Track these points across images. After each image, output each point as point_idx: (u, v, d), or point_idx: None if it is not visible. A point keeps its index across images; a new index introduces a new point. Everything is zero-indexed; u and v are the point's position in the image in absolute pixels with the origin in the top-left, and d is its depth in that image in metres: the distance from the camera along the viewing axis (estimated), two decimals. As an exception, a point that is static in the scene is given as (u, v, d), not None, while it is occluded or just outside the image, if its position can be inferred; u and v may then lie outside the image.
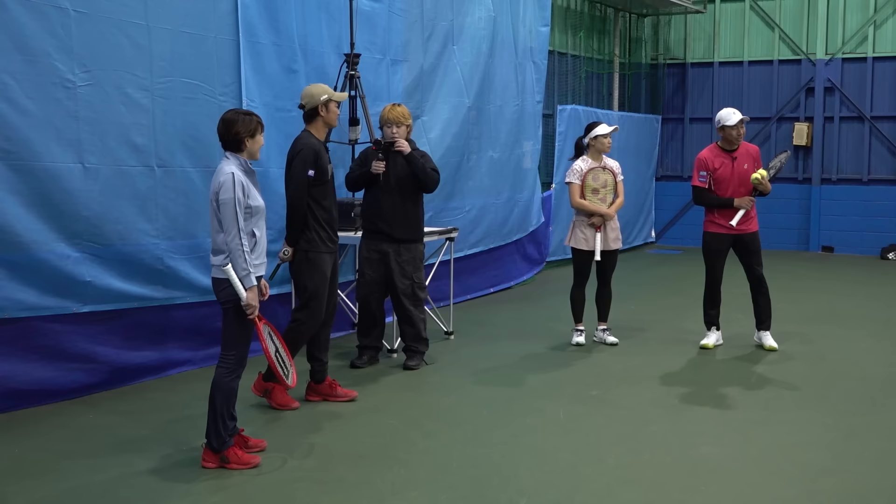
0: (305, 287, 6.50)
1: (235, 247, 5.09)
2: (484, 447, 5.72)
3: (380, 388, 7.08)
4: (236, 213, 5.08)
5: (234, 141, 5.25)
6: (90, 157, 6.49)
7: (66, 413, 6.27)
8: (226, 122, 5.27)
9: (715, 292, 8.42)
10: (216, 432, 5.26)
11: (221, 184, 5.12)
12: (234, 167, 5.19)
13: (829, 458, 5.60)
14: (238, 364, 5.29)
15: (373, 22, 8.97)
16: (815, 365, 7.89)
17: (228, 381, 5.27)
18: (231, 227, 5.09)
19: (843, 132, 15.94)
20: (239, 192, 5.10)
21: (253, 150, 5.31)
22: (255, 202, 5.23)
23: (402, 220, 7.47)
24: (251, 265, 5.13)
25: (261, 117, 5.41)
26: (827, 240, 15.88)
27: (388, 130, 7.41)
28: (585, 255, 8.39)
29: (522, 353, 8.31)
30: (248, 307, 5.17)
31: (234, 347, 5.28)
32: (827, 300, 11.03)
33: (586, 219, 8.37)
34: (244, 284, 5.13)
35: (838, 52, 15.75)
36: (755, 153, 8.27)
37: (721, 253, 8.28)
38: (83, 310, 6.56)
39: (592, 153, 8.45)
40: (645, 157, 16.39)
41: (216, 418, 5.25)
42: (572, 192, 8.40)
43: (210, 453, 5.28)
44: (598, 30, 15.80)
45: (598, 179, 8.37)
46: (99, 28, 6.47)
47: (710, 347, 8.43)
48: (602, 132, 8.37)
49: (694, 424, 6.24)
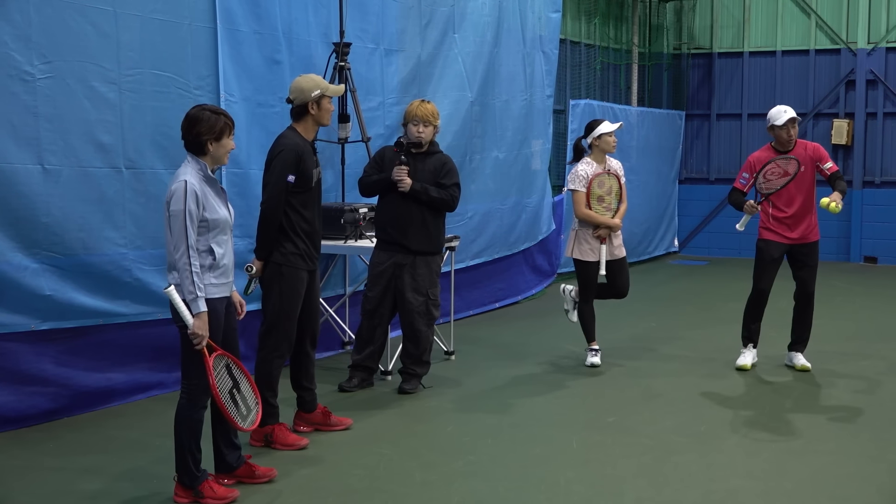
0: (272, 307, 6.28)
1: (183, 265, 4.97)
2: (488, 481, 5.71)
3: (373, 414, 7.08)
4: (186, 226, 4.97)
5: (195, 143, 5.16)
6: (50, 158, 6.49)
7: (23, 442, 6.25)
8: (188, 120, 5.19)
9: (760, 305, 8.37)
10: (185, 468, 5.21)
11: (172, 192, 5.02)
12: (189, 174, 5.07)
13: (871, 492, 5.59)
14: (201, 393, 5.17)
15: (365, 7, 8.99)
16: (856, 389, 7.89)
17: (190, 412, 5.19)
18: (180, 242, 4.98)
19: (887, 129, 15.96)
20: (191, 204, 4.98)
21: (218, 154, 5.19)
22: (214, 215, 5.11)
23: (421, 231, 7.43)
24: (199, 287, 4.99)
25: (231, 117, 5.32)
26: (869, 249, 15.88)
27: (415, 129, 7.38)
28: (592, 267, 8.41)
29: (531, 375, 8.31)
30: (194, 336, 5.01)
31: (195, 375, 5.15)
32: (869, 317, 11.03)
33: (591, 229, 8.37)
34: (191, 310, 5.00)
35: (882, 41, 15.78)
36: (814, 152, 8.16)
37: (774, 262, 8.21)
38: (42, 327, 6.55)
39: (596, 155, 8.44)
40: (667, 158, 16.41)
41: (184, 453, 5.20)
42: (577, 201, 8.35)
43: (181, 488, 5.26)
44: (615, 16, 15.84)
45: (604, 186, 8.37)
46: (61, 14, 6.48)
47: (748, 368, 8.40)
48: (607, 130, 8.35)
49: (722, 455, 6.24)
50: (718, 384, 8.01)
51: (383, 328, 7.66)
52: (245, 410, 5.30)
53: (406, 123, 7.47)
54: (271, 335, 6.31)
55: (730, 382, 8.07)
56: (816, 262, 8.24)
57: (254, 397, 5.40)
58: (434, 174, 7.42)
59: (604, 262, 8.36)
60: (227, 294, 5.29)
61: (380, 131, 9.11)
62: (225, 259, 5.22)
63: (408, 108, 7.50)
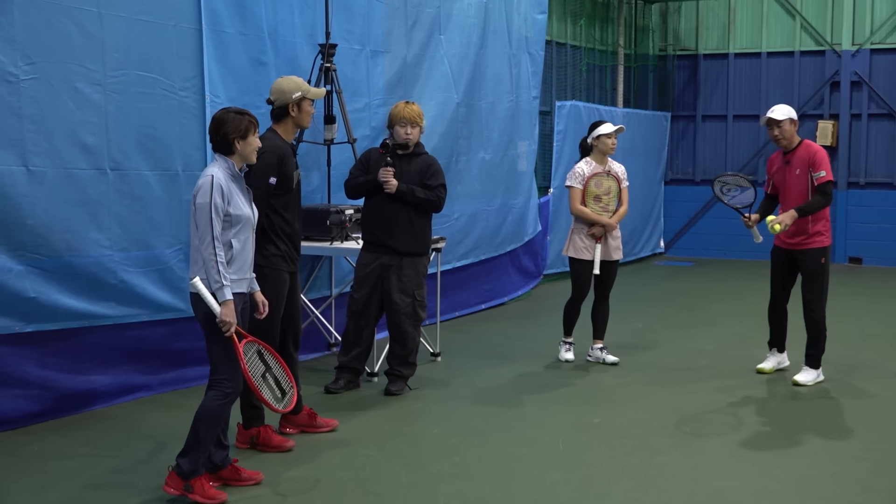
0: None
1: (209, 256, 5.13)
2: (474, 482, 5.71)
3: (359, 415, 7.07)
4: (211, 219, 5.13)
5: (223, 143, 5.33)
6: (35, 159, 6.46)
7: (7, 444, 6.23)
8: (215, 122, 5.37)
9: (773, 310, 8.31)
10: (192, 459, 5.25)
11: (199, 186, 5.21)
12: (217, 169, 5.27)
13: (857, 492, 5.61)
14: (234, 388, 5.30)
15: (350, 9, 8.98)
16: (842, 390, 7.92)
17: (219, 405, 5.29)
18: (205, 233, 5.14)
19: (871, 131, 16.03)
20: (217, 197, 5.16)
21: (245, 152, 5.38)
22: (238, 211, 5.28)
23: (407, 232, 7.44)
24: (225, 277, 5.15)
25: (255, 117, 5.45)
26: (854, 250, 15.95)
27: (402, 130, 7.40)
28: (585, 266, 8.46)
29: (517, 376, 8.31)
30: (222, 324, 5.17)
31: (225, 370, 5.28)
32: (855, 318, 11.07)
33: (586, 227, 8.43)
34: (217, 298, 5.14)
35: (866, 43, 15.85)
36: (809, 157, 7.86)
37: (777, 268, 8.14)
38: (27, 329, 6.52)
39: (596, 155, 8.52)
40: (653, 159, 16.45)
41: (196, 444, 5.25)
42: (572, 197, 8.45)
43: (175, 478, 5.27)
44: (601, 17, 15.87)
45: (602, 186, 8.43)
46: (45, 15, 6.46)
47: (767, 372, 8.35)
48: (605, 131, 8.44)
49: (707, 456, 6.26)
50: (704, 386, 8.03)
51: (370, 330, 7.65)
52: (280, 394, 5.46)
53: (392, 125, 7.47)
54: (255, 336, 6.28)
55: (715, 384, 8.08)
56: (814, 270, 7.92)
57: (288, 381, 5.55)
58: (420, 175, 7.43)
59: (598, 261, 8.39)
60: (244, 290, 5.40)
61: (366, 132, 9.10)
62: (245, 254, 5.37)
63: (393, 110, 7.50)
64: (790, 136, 7.93)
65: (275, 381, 5.47)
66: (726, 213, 8.11)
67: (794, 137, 7.95)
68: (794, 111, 8.01)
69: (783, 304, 8.27)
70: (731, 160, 16.82)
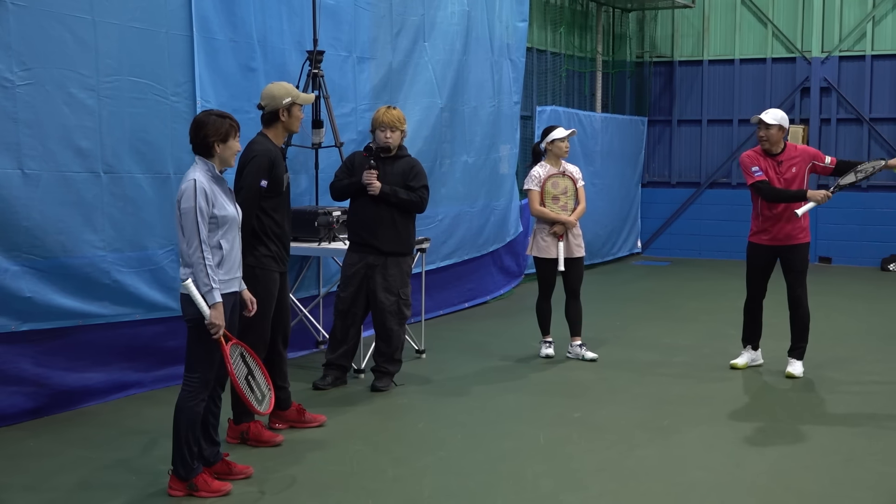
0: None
1: (197, 259, 5.10)
2: (458, 475, 5.72)
3: (346, 411, 7.07)
4: (197, 222, 5.09)
5: (202, 145, 5.27)
6: (30, 163, 6.45)
7: (3, 440, 6.21)
8: (196, 124, 5.31)
9: (751, 310, 8.35)
10: (182, 460, 5.25)
11: (183, 191, 5.16)
12: (198, 173, 5.21)
13: (826, 483, 5.66)
14: (202, 387, 5.28)
15: (337, 17, 8.98)
16: (812, 385, 7.96)
17: (192, 405, 5.26)
18: (192, 237, 5.10)
19: (840, 135, 16.11)
20: (201, 201, 5.11)
21: (225, 155, 5.32)
22: (223, 212, 5.24)
23: (392, 232, 7.45)
24: (214, 280, 5.12)
25: (237, 120, 5.41)
26: (824, 250, 16.04)
27: (382, 135, 7.40)
28: (549, 264, 8.60)
29: (499, 372, 8.33)
30: (211, 326, 5.15)
31: (198, 369, 5.27)
32: (825, 315, 11.12)
33: (548, 227, 8.56)
34: (207, 301, 5.12)
35: (835, 50, 15.94)
36: (802, 153, 8.08)
37: (759, 268, 8.17)
38: (22, 328, 6.51)
39: (550, 158, 8.70)
40: (630, 162, 16.48)
41: (181, 445, 5.24)
42: (531, 199, 8.62)
43: (177, 481, 5.28)
44: (580, 25, 15.91)
45: (558, 186, 8.59)
46: (40, 22, 6.45)
47: (740, 367, 8.40)
48: (559, 136, 8.62)
49: (683, 449, 6.29)
50: (681, 381, 8.07)
51: (356, 328, 7.65)
52: (260, 395, 5.47)
53: (374, 130, 7.49)
54: (247, 336, 6.27)
55: (691, 379, 8.12)
56: (802, 265, 8.08)
57: (266, 383, 5.55)
58: (403, 177, 7.44)
59: (562, 259, 8.51)
60: (235, 289, 5.39)
61: (352, 136, 9.10)
62: (234, 254, 5.35)
63: (375, 116, 7.52)
64: (775, 141, 8.00)
65: (255, 383, 5.48)
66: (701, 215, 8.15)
67: (779, 143, 8.04)
68: (787, 119, 8.07)
69: (761, 302, 8.33)
70: (706, 163, 16.88)
